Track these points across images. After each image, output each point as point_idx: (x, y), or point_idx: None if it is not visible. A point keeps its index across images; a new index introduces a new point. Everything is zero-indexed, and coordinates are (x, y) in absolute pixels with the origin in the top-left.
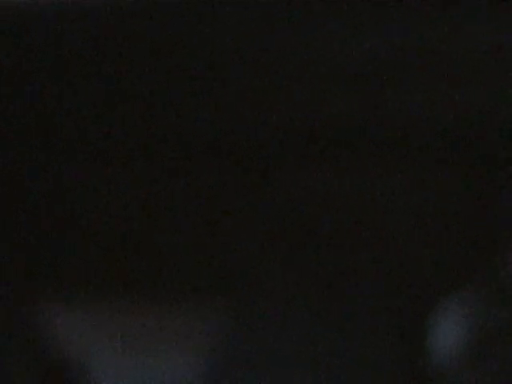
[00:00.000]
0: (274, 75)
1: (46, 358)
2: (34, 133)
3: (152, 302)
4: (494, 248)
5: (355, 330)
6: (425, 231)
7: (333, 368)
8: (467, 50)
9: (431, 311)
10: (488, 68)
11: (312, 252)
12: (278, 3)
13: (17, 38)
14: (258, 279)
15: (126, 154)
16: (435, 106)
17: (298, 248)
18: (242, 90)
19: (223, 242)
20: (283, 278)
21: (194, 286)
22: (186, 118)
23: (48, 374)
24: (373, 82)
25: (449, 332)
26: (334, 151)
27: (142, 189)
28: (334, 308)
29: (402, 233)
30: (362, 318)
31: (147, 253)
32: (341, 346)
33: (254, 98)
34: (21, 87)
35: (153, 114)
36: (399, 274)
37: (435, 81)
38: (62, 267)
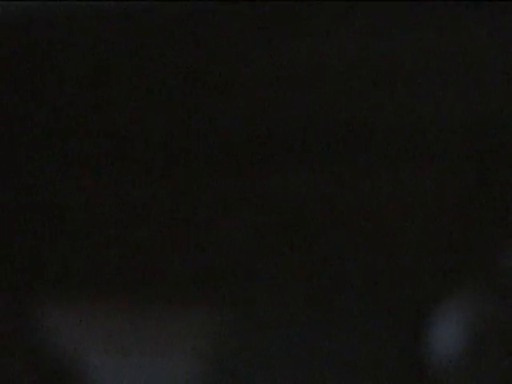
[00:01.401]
0: (272, 74)
1: (45, 358)
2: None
3: (149, 303)
4: (493, 248)
5: (354, 330)
6: (424, 230)
7: (331, 368)
8: (467, 50)
9: (431, 311)
10: (489, 68)
11: (311, 252)
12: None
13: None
14: (256, 279)
15: (124, 154)
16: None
17: (297, 248)
18: (239, 88)
19: (220, 242)
20: (281, 279)
21: (192, 287)
22: (180, 115)
23: (47, 375)
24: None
25: (448, 332)
26: (329, 150)
27: (137, 189)
28: (332, 309)
29: (401, 232)
30: (360, 317)
31: (144, 253)
32: (340, 347)
33: (251, 96)
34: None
35: (147, 112)
36: (398, 273)
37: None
38: (60, 268)
